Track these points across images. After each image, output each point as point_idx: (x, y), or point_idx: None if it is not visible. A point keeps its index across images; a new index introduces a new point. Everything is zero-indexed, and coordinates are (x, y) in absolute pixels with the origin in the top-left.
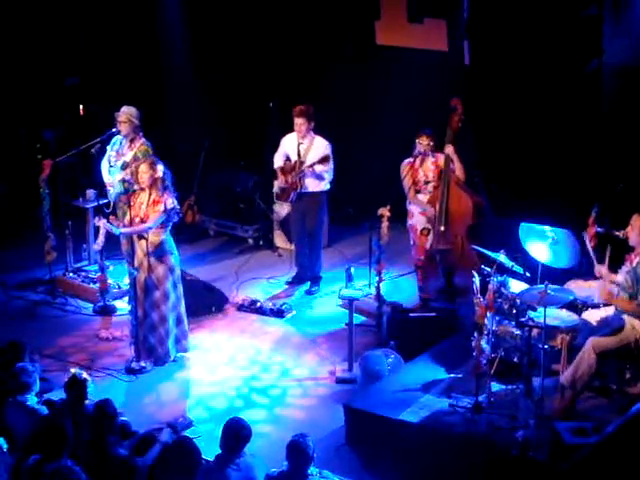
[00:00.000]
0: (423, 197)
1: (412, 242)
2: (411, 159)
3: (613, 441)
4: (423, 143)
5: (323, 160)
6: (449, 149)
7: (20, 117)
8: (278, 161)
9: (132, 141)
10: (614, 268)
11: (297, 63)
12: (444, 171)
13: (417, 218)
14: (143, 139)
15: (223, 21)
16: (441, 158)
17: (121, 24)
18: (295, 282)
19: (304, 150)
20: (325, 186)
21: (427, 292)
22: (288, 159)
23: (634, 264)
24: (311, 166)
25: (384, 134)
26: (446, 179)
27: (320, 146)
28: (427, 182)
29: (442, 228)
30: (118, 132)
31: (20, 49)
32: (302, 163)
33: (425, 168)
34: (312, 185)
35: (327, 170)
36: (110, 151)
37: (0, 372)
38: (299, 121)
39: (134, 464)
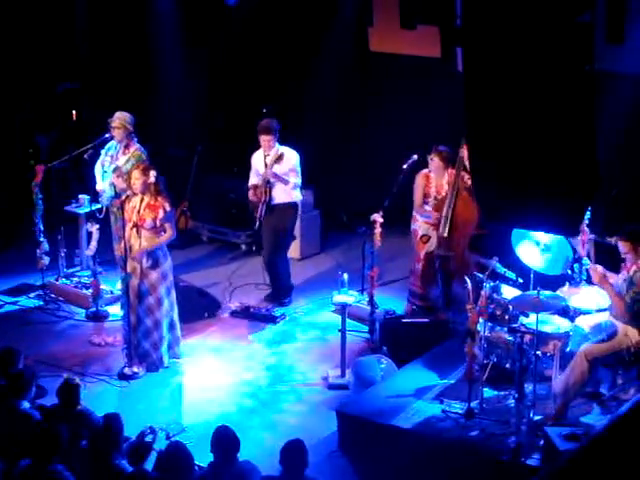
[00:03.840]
0: (427, 207)
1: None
2: (427, 170)
3: (600, 443)
4: (432, 160)
5: (279, 159)
6: (464, 152)
7: (13, 122)
8: (252, 179)
9: (126, 147)
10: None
11: (290, 69)
12: (455, 175)
13: (420, 224)
14: (137, 145)
15: (218, 27)
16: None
17: (114, 28)
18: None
19: (270, 160)
20: (296, 196)
21: (428, 300)
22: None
23: (631, 272)
24: (275, 175)
25: (378, 139)
26: (456, 184)
27: (286, 152)
28: (436, 198)
29: (445, 234)
30: (111, 138)
31: (14, 54)
32: None
33: (438, 184)
34: (282, 195)
35: (289, 174)
36: (105, 155)
37: None
38: (266, 137)
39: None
